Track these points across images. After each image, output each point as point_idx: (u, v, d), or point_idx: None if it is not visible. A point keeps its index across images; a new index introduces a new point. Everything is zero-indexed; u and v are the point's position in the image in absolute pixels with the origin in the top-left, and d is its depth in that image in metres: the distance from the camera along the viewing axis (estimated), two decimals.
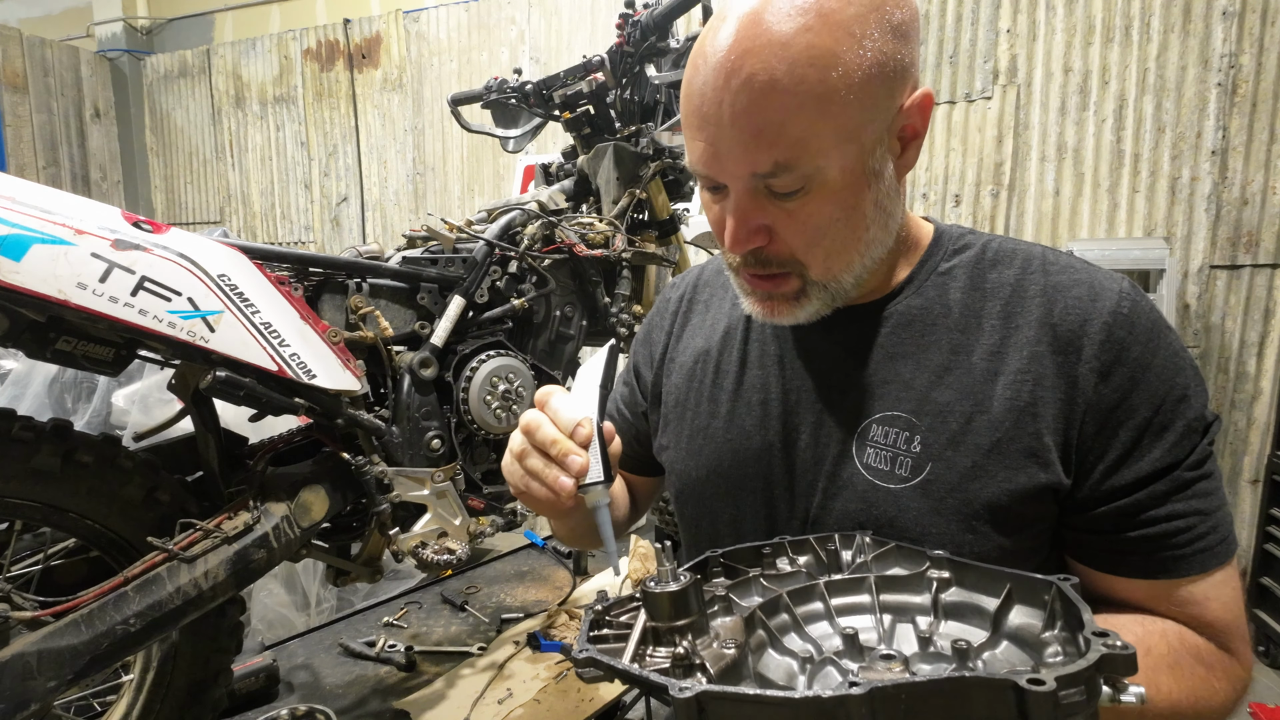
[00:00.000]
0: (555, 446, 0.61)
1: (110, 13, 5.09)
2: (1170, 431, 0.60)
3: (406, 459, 1.27)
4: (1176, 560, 0.60)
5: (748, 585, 0.56)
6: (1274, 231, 2.58)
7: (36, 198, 0.89)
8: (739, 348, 0.77)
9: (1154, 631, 0.59)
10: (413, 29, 4.25)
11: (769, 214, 0.61)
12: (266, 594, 2.11)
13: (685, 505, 0.80)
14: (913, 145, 0.63)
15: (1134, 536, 0.61)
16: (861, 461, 0.67)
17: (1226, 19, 2.56)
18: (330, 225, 4.70)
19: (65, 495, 0.98)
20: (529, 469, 0.63)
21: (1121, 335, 0.61)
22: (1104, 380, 0.61)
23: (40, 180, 3.93)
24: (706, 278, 0.88)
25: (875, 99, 0.58)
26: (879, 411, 0.67)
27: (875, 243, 0.65)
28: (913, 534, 0.63)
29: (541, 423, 0.62)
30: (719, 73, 0.57)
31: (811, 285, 0.65)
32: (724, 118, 0.57)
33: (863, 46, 0.56)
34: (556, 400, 0.64)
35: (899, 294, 0.70)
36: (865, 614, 0.52)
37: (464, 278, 1.35)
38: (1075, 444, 0.61)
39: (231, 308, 0.99)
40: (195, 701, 1.15)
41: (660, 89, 1.68)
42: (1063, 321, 0.63)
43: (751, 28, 0.56)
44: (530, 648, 1.54)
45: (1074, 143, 2.82)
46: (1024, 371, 0.62)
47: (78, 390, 2.31)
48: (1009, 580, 0.49)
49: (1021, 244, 0.70)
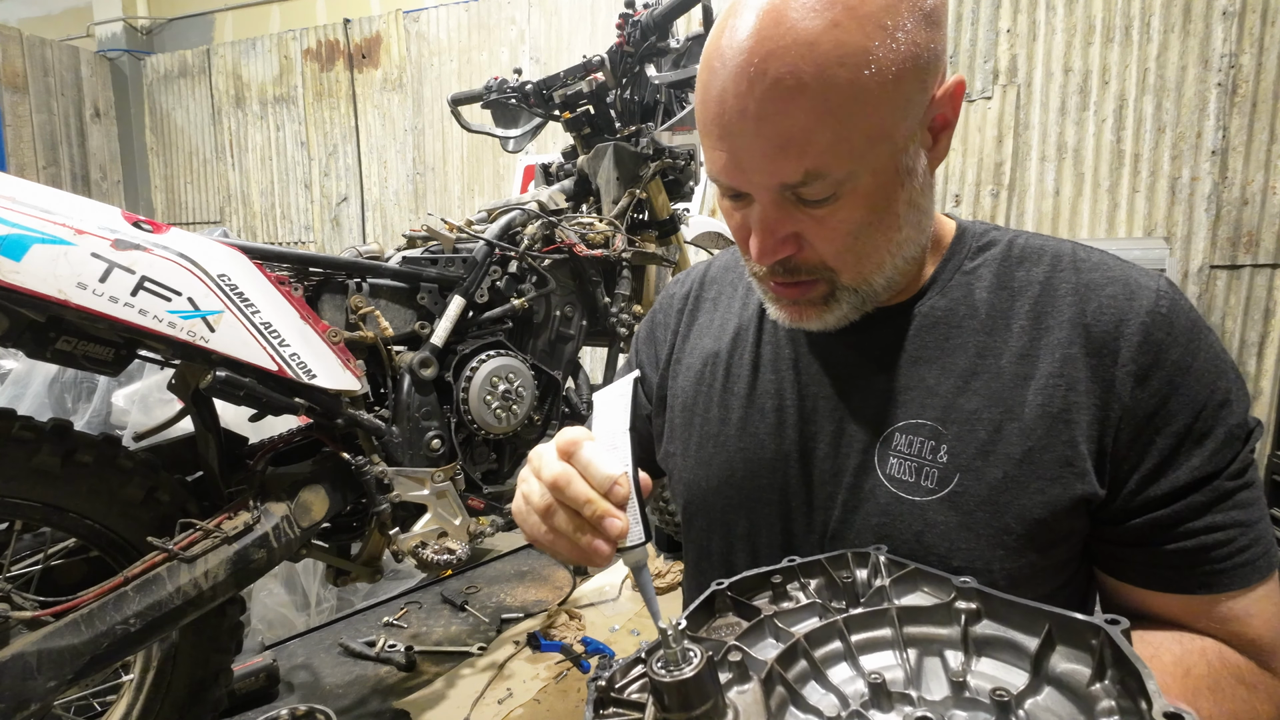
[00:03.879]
0: (589, 507, 0.53)
1: (110, 13, 5.09)
2: (1210, 439, 0.56)
3: (406, 459, 1.27)
4: (1216, 575, 0.57)
5: (760, 629, 0.52)
6: (1274, 231, 2.58)
7: (36, 198, 0.89)
8: (750, 350, 0.73)
9: (1193, 650, 0.56)
10: (413, 29, 4.25)
11: (797, 222, 0.57)
12: (266, 594, 2.11)
13: (694, 516, 0.75)
14: (944, 135, 0.59)
15: (1171, 550, 0.57)
16: (884, 472, 0.63)
17: (1226, 19, 2.56)
18: (330, 225, 4.69)
19: (65, 495, 0.98)
20: (556, 528, 0.56)
21: (1160, 337, 0.57)
22: (1141, 385, 0.57)
23: (40, 180, 3.93)
24: (713, 274, 0.84)
25: (909, 94, 0.54)
26: (902, 419, 0.63)
27: (908, 242, 0.61)
28: (940, 550, 0.59)
29: (571, 479, 0.54)
30: (740, 76, 0.52)
31: (841, 290, 0.61)
32: (748, 126, 0.53)
33: (895, 39, 0.51)
34: (587, 452, 0.55)
35: (922, 295, 0.66)
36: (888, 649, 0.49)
37: (464, 278, 1.35)
38: (1110, 452, 0.58)
39: (231, 308, 0.99)
40: (195, 701, 1.15)
41: (660, 89, 1.68)
42: (1097, 322, 0.59)
43: (774, 26, 0.51)
44: (530, 648, 1.54)
45: (1074, 143, 2.82)
46: (1056, 375, 0.59)
47: (78, 390, 2.31)
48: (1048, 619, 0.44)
49: (1050, 240, 0.66)
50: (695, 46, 1.53)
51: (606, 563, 0.55)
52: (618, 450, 0.56)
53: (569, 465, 0.55)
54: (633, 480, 0.55)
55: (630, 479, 0.55)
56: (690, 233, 1.94)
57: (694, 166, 1.73)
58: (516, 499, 0.62)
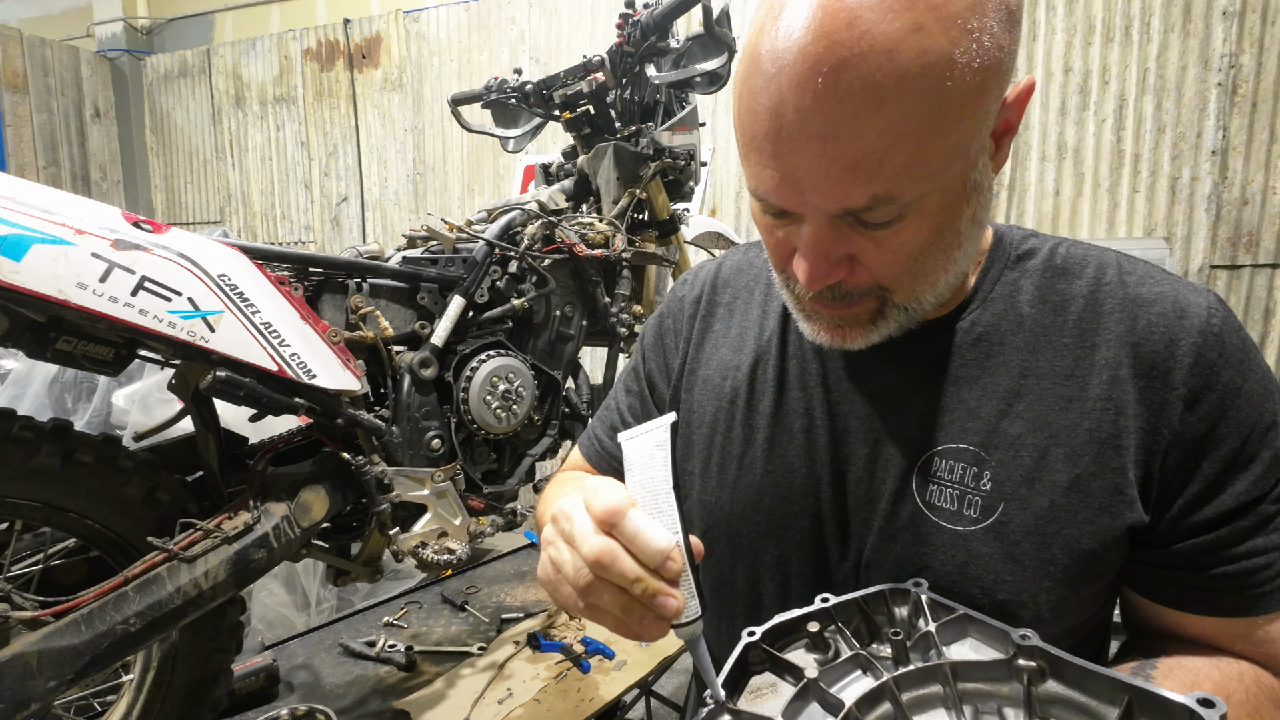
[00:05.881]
0: (639, 586, 0.47)
1: (110, 13, 5.10)
2: (1257, 462, 0.54)
3: (406, 459, 1.27)
4: (1256, 599, 0.55)
5: (805, 696, 0.48)
6: (1274, 231, 2.58)
7: (36, 198, 0.89)
8: (775, 364, 0.68)
9: (1232, 676, 0.54)
10: (413, 29, 4.25)
11: (852, 243, 0.52)
12: (266, 594, 2.11)
13: (715, 543, 0.69)
14: (1006, 140, 0.54)
15: (1214, 574, 0.55)
16: (923, 499, 0.59)
17: (1226, 19, 2.56)
18: (330, 225, 4.70)
19: (65, 495, 0.98)
20: (598, 606, 0.50)
21: (1212, 358, 0.54)
22: (1191, 409, 0.54)
23: (40, 180, 3.94)
24: (725, 277, 0.77)
25: (988, 104, 0.48)
26: (942, 443, 0.59)
27: (964, 258, 0.56)
28: (985, 582, 0.56)
29: (616, 556, 0.48)
30: (803, 87, 0.45)
31: (891, 308, 0.56)
32: (810, 145, 0.47)
33: (980, 44, 0.45)
34: (632, 524, 0.48)
35: (964, 309, 0.61)
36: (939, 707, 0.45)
37: (464, 278, 1.35)
38: (1156, 478, 0.55)
39: (231, 308, 0.99)
40: (195, 701, 1.15)
41: (660, 89, 1.68)
42: (1146, 341, 0.55)
43: (847, 28, 0.44)
44: (530, 648, 1.54)
45: (1074, 143, 2.82)
46: (1104, 399, 0.55)
47: (78, 390, 2.32)
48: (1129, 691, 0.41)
49: (1093, 249, 0.62)
50: (695, 46, 1.53)
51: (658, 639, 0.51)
52: (663, 515, 0.50)
53: (611, 539, 0.48)
54: (685, 549, 0.49)
55: (682, 550, 0.49)
56: (690, 233, 1.94)
57: (694, 166, 1.73)
58: (543, 563, 0.54)
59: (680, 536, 0.49)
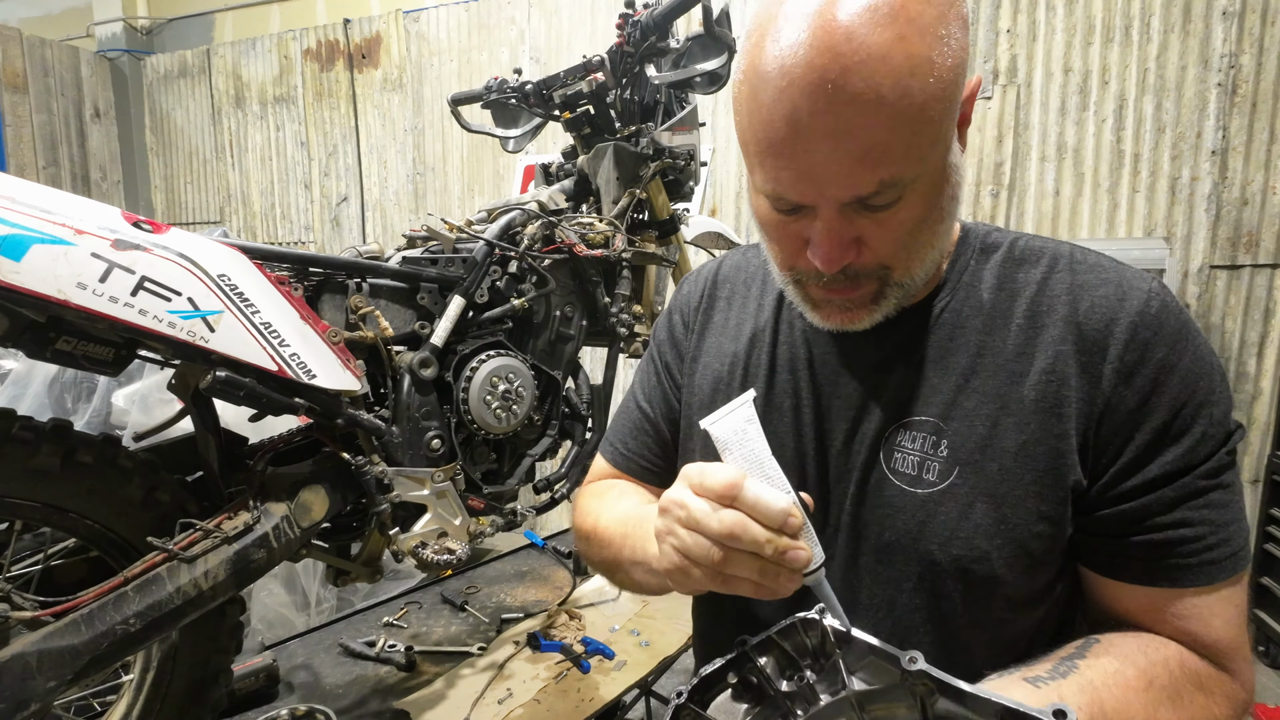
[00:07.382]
0: (769, 546, 0.53)
1: (110, 13, 5.09)
2: (1187, 436, 0.59)
3: (406, 459, 1.27)
4: (1180, 570, 0.59)
5: None
6: (1274, 231, 2.58)
7: (36, 198, 0.89)
8: (768, 350, 0.76)
9: (1157, 662, 0.58)
10: (413, 29, 4.25)
11: (859, 227, 0.59)
12: (266, 594, 2.12)
13: None
14: (964, 130, 0.62)
15: (1138, 541, 0.60)
16: (889, 466, 0.66)
17: (1226, 19, 2.56)
18: (330, 225, 4.69)
19: (65, 495, 0.98)
20: (734, 574, 0.55)
21: (1147, 336, 0.60)
22: (1126, 381, 0.60)
23: (40, 180, 3.93)
24: (725, 274, 0.86)
25: (957, 96, 0.57)
26: (907, 416, 0.66)
27: (945, 234, 0.64)
28: (940, 539, 0.63)
29: (746, 525, 0.53)
30: (815, 94, 0.52)
31: (890, 286, 0.63)
32: (824, 143, 0.54)
33: (949, 46, 0.54)
34: (751, 493, 0.54)
35: (933, 297, 0.69)
36: None
37: (464, 278, 1.35)
38: (1092, 444, 0.61)
39: (231, 308, 0.99)
40: (195, 701, 1.15)
41: (660, 89, 1.68)
42: (1088, 320, 0.62)
43: (845, 41, 0.51)
44: (530, 648, 1.54)
45: (1074, 143, 2.82)
46: (1049, 371, 0.62)
47: (78, 390, 2.32)
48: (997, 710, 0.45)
49: (1050, 242, 0.68)
50: (695, 46, 1.52)
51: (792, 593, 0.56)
52: (771, 479, 0.56)
53: (735, 510, 0.54)
54: (800, 506, 0.56)
55: (799, 506, 0.55)
56: (690, 233, 1.94)
57: (694, 166, 1.73)
58: (666, 555, 0.59)
59: (793, 495, 0.56)
